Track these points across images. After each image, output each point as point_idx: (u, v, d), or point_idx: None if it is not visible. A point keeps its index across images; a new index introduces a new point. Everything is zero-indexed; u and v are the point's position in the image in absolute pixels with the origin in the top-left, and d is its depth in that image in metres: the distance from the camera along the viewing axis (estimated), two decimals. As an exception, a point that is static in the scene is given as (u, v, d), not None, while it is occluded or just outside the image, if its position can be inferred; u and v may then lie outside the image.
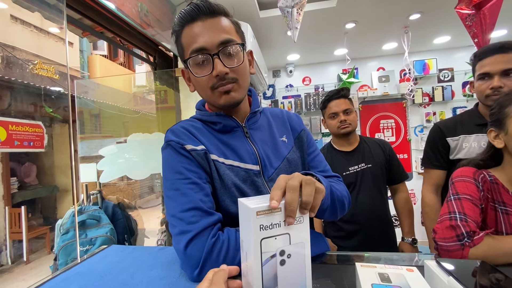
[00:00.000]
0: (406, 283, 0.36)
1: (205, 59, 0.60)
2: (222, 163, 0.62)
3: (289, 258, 0.38)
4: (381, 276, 0.38)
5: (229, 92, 0.62)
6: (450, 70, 3.04)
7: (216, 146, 0.63)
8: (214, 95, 0.62)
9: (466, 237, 0.60)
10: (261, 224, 0.37)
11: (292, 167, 0.68)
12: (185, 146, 0.60)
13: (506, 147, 0.69)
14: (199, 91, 0.66)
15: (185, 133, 0.63)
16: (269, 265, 0.37)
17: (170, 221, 0.56)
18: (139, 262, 0.62)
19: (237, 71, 0.62)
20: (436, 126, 1.18)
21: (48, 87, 3.74)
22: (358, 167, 1.34)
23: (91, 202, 1.76)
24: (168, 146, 0.61)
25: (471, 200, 0.66)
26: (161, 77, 1.91)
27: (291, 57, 3.08)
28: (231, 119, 0.66)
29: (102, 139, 2.12)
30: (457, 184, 0.71)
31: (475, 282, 0.36)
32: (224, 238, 0.53)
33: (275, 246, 0.37)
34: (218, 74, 0.59)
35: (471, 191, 0.68)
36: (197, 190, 0.57)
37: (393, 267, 0.41)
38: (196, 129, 0.65)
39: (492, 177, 0.70)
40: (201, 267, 0.50)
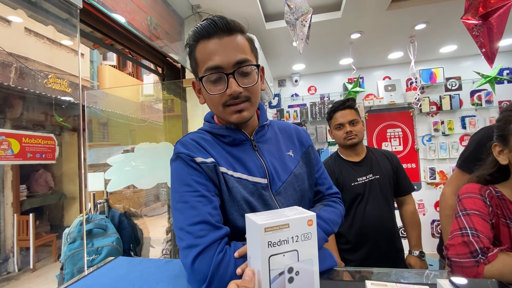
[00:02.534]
0: None
1: (220, 77, 0.60)
2: (231, 175, 0.62)
3: (297, 275, 0.37)
4: None
5: (241, 112, 0.62)
6: (457, 79, 3.01)
7: (225, 159, 0.63)
8: (225, 112, 0.63)
9: (481, 254, 0.58)
10: (269, 241, 0.36)
11: (298, 181, 0.69)
12: (195, 159, 0.60)
13: (511, 163, 0.67)
14: (210, 105, 0.66)
15: (195, 145, 0.63)
16: (278, 282, 0.36)
17: (177, 234, 0.55)
18: (146, 275, 0.62)
19: (251, 90, 0.62)
20: (488, 129, 1.05)
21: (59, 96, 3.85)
22: (366, 178, 1.32)
23: (98, 211, 1.77)
24: (178, 158, 0.61)
25: (480, 215, 0.65)
26: (169, 88, 1.95)
27: (296, 66, 3.11)
28: (240, 132, 0.67)
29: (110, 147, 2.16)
30: (464, 201, 0.70)
31: (491, 305, 0.35)
32: (232, 253, 0.52)
33: (283, 263, 0.37)
34: (232, 94, 0.59)
35: (479, 207, 0.66)
36: (205, 203, 0.56)
37: (404, 286, 0.40)
38: (206, 141, 0.65)
39: (499, 193, 0.69)
40: (208, 282, 0.49)
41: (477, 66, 2.88)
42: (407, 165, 2.95)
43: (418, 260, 1.29)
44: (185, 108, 1.95)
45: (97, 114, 2.56)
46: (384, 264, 1.26)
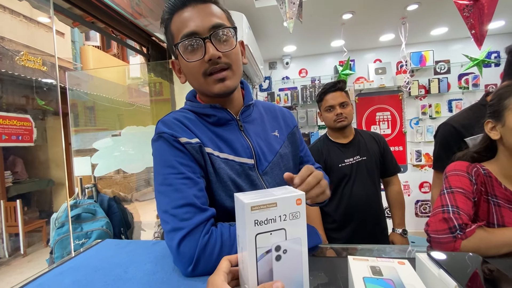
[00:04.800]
0: (397, 276, 0.37)
1: (196, 43, 0.58)
2: (217, 156, 0.60)
3: (285, 254, 0.37)
4: (373, 270, 0.39)
5: (224, 80, 0.60)
6: (446, 62, 3.03)
7: (211, 139, 0.62)
8: (207, 83, 0.60)
9: (459, 230, 0.60)
10: (256, 219, 0.36)
11: (284, 161, 0.70)
12: (179, 139, 0.57)
13: (502, 139, 0.69)
14: (191, 80, 0.64)
15: (179, 125, 0.60)
16: (264, 260, 0.36)
17: (162, 217, 0.54)
18: (133, 256, 0.62)
19: (230, 56, 0.60)
20: (450, 126, 1.04)
21: (39, 79, 3.67)
22: (353, 159, 1.34)
23: (86, 195, 1.75)
24: (160, 138, 0.58)
25: (464, 194, 0.67)
26: (155, 69, 1.88)
27: (287, 48, 3.04)
28: (225, 111, 0.65)
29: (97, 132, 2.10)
30: (451, 178, 0.71)
31: (465, 274, 0.37)
32: (218, 234, 0.52)
33: (270, 242, 0.37)
34: (211, 58, 0.57)
35: (464, 185, 0.68)
36: (190, 185, 0.55)
37: (385, 260, 0.41)
38: (190, 120, 0.62)
39: (486, 171, 0.70)
40: (194, 264, 0.50)
41: (466, 49, 2.90)
42: (395, 148, 3.01)
43: (401, 237, 1.35)
44: (173, 91, 1.90)
45: (82, 98, 2.47)
46: (369, 242, 1.31)
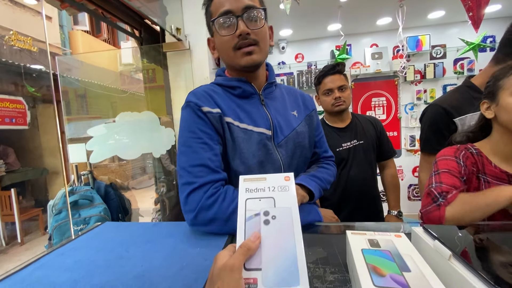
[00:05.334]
0: (394, 248, 0.38)
1: (230, 21, 0.65)
2: (237, 126, 0.67)
3: (274, 219, 0.38)
4: (371, 242, 0.40)
5: (251, 54, 0.66)
6: (442, 47, 3.02)
7: (233, 110, 0.68)
8: (236, 56, 0.67)
9: (440, 198, 0.63)
10: (246, 187, 0.42)
11: (299, 138, 0.75)
12: (202, 108, 0.65)
13: (496, 117, 0.71)
14: (222, 54, 0.70)
15: (205, 96, 0.67)
16: (253, 221, 0.38)
17: (179, 172, 0.63)
18: (134, 237, 0.63)
19: (258, 34, 0.66)
20: (439, 107, 1.02)
21: (28, 65, 3.55)
22: (350, 143, 1.35)
23: (82, 182, 1.74)
24: (188, 106, 0.67)
25: (449, 172, 0.70)
26: (148, 54, 1.83)
27: (283, 32, 2.98)
28: (249, 85, 0.72)
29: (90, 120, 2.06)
30: (439, 163, 0.74)
31: (459, 244, 0.38)
32: (222, 191, 0.60)
33: (259, 206, 0.40)
34: (241, 34, 0.64)
35: (450, 166, 0.71)
36: (207, 149, 0.62)
37: (382, 233, 0.42)
38: (216, 93, 0.70)
39: (477, 150, 0.73)
40: (196, 214, 0.58)
41: (462, 33, 2.88)
42: (389, 133, 3.04)
43: (396, 219, 1.38)
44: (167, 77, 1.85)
45: (73, 84, 2.41)
46: (364, 223, 1.35)
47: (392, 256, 0.36)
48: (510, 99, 0.67)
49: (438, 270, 0.37)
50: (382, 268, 0.33)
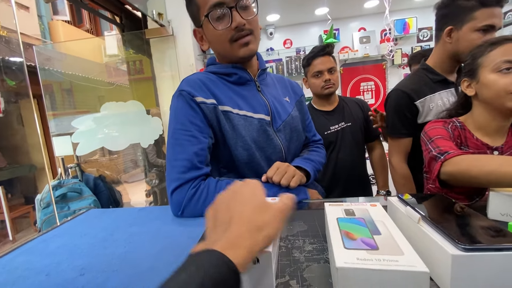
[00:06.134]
0: (368, 215, 0.39)
1: (224, 12, 0.63)
2: (236, 114, 0.66)
3: None
4: (346, 212, 0.41)
5: (248, 44, 0.65)
6: (429, 29, 3.03)
7: (230, 98, 0.67)
8: (233, 48, 0.66)
9: (441, 156, 0.65)
10: None
11: (294, 123, 0.77)
12: (195, 98, 0.63)
13: (476, 94, 0.73)
14: (216, 46, 0.68)
15: (199, 85, 0.65)
16: None
17: (166, 165, 0.63)
18: (119, 221, 0.63)
19: (252, 23, 0.65)
20: (400, 91, 1.04)
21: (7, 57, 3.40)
22: (338, 126, 1.36)
23: (69, 175, 1.72)
24: (180, 95, 0.64)
25: (443, 137, 0.72)
26: (131, 41, 1.78)
27: (270, 17, 2.93)
28: (245, 71, 0.71)
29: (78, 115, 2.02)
30: (429, 132, 0.76)
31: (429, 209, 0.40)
32: (204, 187, 0.60)
33: None
34: (238, 26, 0.62)
35: (441, 133, 0.73)
36: (194, 143, 0.61)
37: (359, 204, 0.44)
38: (211, 81, 0.68)
39: (461, 123, 0.76)
40: (182, 210, 0.59)
41: (448, 15, 2.89)
42: (378, 117, 3.07)
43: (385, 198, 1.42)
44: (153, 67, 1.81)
45: (56, 77, 2.34)
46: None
47: (365, 223, 0.37)
48: (491, 75, 0.69)
49: (409, 233, 0.39)
50: (354, 233, 0.34)
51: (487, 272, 0.28)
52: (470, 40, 0.91)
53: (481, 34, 0.90)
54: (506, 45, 0.67)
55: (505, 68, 0.66)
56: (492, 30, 0.90)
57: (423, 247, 0.34)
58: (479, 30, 0.90)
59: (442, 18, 0.98)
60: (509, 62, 0.66)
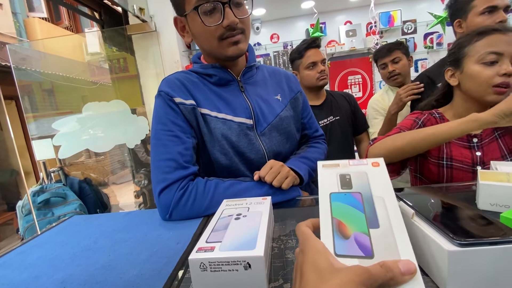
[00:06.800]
0: (367, 186, 0.33)
1: (215, 7, 0.58)
2: (215, 116, 0.63)
3: (244, 217, 0.42)
4: (342, 179, 0.35)
5: (238, 43, 0.62)
6: (413, 22, 3.07)
7: (209, 100, 0.65)
8: (221, 46, 0.62)
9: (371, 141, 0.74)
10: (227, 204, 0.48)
11: (284, 124, 0.71)
12: (174, 99, 0.61)
13: (459, 85, 0.72)
14: (202, 40, 0.64)
15: (178, 85, 0.63)
16: (225, 219, 0.42)
17: (151, 167, 0.61)
18: (103, 228, 0.60)
19: (245, 22, 0.62)
20: (423, 75, 1.21)
21: (-21, 58, 3.22)
22: (327, 120, 1.36)
23: (52, 180, 1.65)
24: (159, 95, 0.63)
25: (399, 127, 0.76)
26: (112, 38, 1.71)
27: (256, 11, 2.89)
28: (226, 72, 0.67)
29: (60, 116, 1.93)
30: (401, 121, 0.80)
31: (421, 203, 0.39)
32: (192, 188, 0.57)
33: (234, 212, 0.44)
34: (230, 24, 0.58)
35: (404, 124, 0.77)
36: (178, 143, 0.59)
37: (357, 163, 0.36)
38: (191, 82, 0.65)
39: (440, 114, 0.77)
40: (170, 213, 0.57)
41: (431, 8, 2.93)
42: (365, 110, 3.11)
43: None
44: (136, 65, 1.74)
45: (33, 77, 2.23)
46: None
47: (362, 203, 0.31)
48: (476, 66, 0.68)
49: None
50: (348, 224, 0.29)
51: (483, 266, 0.28)
52: (477, 25, 0.97)
53: (486, 16, 0.96)
54: (493, 36, 0.66)
55: (489, 59, 0.66)
56: (495, 10, 0.95)
57: (418, 243, 0.34)
58: (483, 13, 0.96)
59: (452, 15, 1.09)
60: (494, 54, 0.65)
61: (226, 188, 0.59)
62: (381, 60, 1.41)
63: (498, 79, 0.64)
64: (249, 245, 0.33)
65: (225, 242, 0.34)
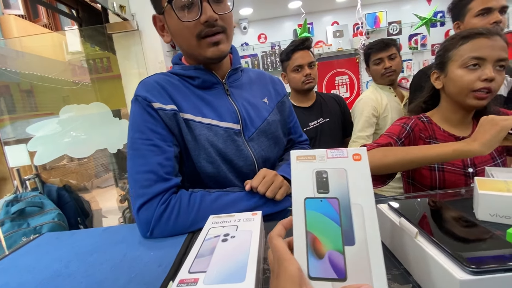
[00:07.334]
0: (345, 190, 0.29)
1: (192, 1, 0.54)
2: (199, 122, 0.59)
3: (232, 238, 0.38)
4: (318, 179, 0.30)
5: (218, 44, 0.57)
6: (398, 23, 3.12)
7: (193, 104, 0.60)
8: (200, 46, 0.57)
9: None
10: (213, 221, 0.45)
11: (272, 129, 0.68)
12: (153, 104, 0.56)
13: (444, 88, 0.72)
14: (180, 40, 0.59)
15: (157, 89, 0.58)
16: (211, 241, 0.39)
17: (128, 180, 0.55)
18: (78, 247, 0.54)
19: (226, 20, 0.57)
20: (421, 72, 1.23)
21: None
22: (317, 122, 1.34)
23: (28, 188, 1.54)
24: (136, 101, 0.57)
25: (387, 134, 0.74)
26: (92, 37, 1.62)
27: (244, 11, 2.85)
28: (211, 74, 0.62)
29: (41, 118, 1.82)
30: (389, 127, 0.78)
31: (422, 219, 0.36)
32: (175, 202, 0.53)
33: (221, 232, 0.41)
34: (208, 20, 0.54)
35: (392, 130, 0.75)
36: (158, 153, 0.54)
37: (336, 154, 0.31)
38: (171, 85, 0.60)
39: (428, 119, 0.77)
40: (151, 231, 0.52)
41: (416, 9, 2.99)
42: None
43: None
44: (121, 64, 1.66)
45: (11, 78, 2.10)
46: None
47: (339, 212, 0.28)
48: (458, 71, 0.68)
49: (404, 247, 0.35)
50: (324, 240, 0.27)
51: (496, 295, 0.25)
52: (473, 26, 1.01)
53: (482, 18, 1.01)
54: (477, 40, 0.66)
55: (471, 64, 0.65)
56: (490, 12, 0.99)
57: (422, 266, 0.31)
58: (478, 15, 1.01)
59: (452, 18, 1.13)
60: (476, 59, 0.65)
61: (213, 201, 0.55)
62: (376, 54, 1.34)
63: (479, 84, 0.65)
64: (237, 275, 0.29)
65: (210, 272, 0.30)
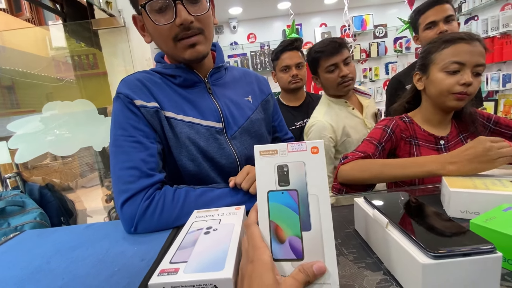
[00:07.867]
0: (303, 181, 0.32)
1: (166, 4, 0.53)
2: (181, 120, 0.59)
3: (214, 231, 0.39)
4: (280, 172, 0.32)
5: (195, 46, 0.57)
6: (384, 26, 3.20)
7: (174, 103, 0.60)
8: (177, 48, 0.58)
9: (342, 160, 0.74)
10: (197, 216, 0.45)
11: (255, 127, 0.69)
12: (135, 101, 0.56)
13: (425, 89, 0.76)
14: (159, 42, 0.59)
15: (139, 86, 0.58)
16: (193, 233, 0.39)
17: (111, 177, 0.55)
18: (59, 244, 0.54)
19: (202, 21, 0.57)
20: (394, 79, 1.30)
21: None
22: (303, 122, 1.36)
23: (8, 186, 1.50)
24: (118, 98, 0.58)
25: (369, 140, 0.77)
26: (77, 33, 1.58)
27: (233, 10, 2.86)
28: (192, 73, 0.63)
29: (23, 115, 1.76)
30: (370, 132, 0.81)
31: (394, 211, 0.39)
32: (159, 198, 0.53)
33: (204, 225, 0.41)
34: (183, 23, 0.54)
35: (374, 134, 0.78)
36: (141, 149, 0.55)
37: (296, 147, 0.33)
38: (153, 83, 0.60)
39: (409, 119, 0.80)
40: (135, 226, 0.52)
41: (401, 13, 3.08)
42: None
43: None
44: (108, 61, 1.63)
45: (-9, 73, 2.03)
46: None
47: (298, 203, 0.31)
48: (439, 74, 0.71)
49: (377, 237, 0.37)
50: (284, 227, 0.31)
51: (457, 277, 0.28)
52: (424, 38, 1.17)
53: (429, 31, 1.15)
54: (458, 45, 0.69)
55: (452, 69, 0.69)
56: (435, 24, 1.13)
57: (392, 254, 0.33)
58: (426, 29, 1.16)
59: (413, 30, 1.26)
60: (456, 63, 0.69)
61: (197, 197, 0.56)
62: (328, 60, 1.01)
63: (458, 88, 0.68)
64: (217, 265, 0.30)
65: (191, 262, 0.31)
